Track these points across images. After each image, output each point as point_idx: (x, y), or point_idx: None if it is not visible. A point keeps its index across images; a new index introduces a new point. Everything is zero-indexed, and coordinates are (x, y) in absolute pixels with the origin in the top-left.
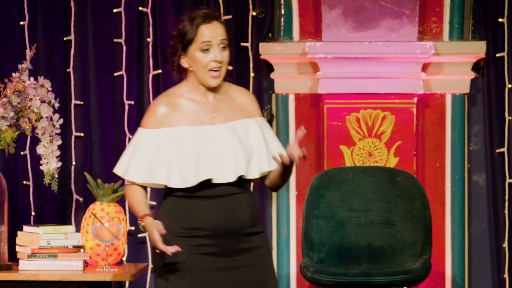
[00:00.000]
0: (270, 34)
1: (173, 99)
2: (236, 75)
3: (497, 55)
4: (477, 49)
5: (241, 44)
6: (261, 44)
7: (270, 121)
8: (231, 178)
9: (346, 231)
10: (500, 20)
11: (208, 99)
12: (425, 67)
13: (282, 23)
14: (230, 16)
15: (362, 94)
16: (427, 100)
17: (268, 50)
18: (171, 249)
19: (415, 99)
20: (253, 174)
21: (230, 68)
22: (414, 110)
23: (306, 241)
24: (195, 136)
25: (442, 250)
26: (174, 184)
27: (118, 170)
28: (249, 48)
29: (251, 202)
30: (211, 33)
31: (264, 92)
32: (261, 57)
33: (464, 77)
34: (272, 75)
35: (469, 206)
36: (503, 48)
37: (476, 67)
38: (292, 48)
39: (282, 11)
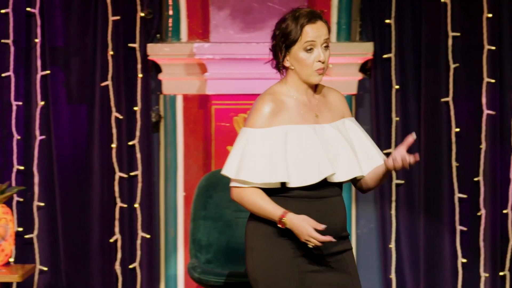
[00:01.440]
0: (158, 35)
1: (278, 97)
2: (124, 76)
3: (384, 56)
4: (365, 50)
5: (129, 45)
6: (149, 45)
7: (157, 122)
8: (345, 177)
9: (233, 231)
10: (387, 21)
11: (309, 98)
12: None
13: (170, 24)
14: (118, 17)
15: (250, 95)
16: None
17: (156, 51)
18: (325, 238)
19: None
20: (363, 173)
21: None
22: None
23: (193, 242)
24: (308, 135)
25: None
26: (295, 182)
27: (228, 171)
28: (137, 49)
29: (344, 205)
30: (315, 33)
31: (152, 93)
32: (149, 58)
33: (351, 78)
34: (160, 76)
35: (356, 207)
36: (390, 49)
37: (363, 68)
38: (180, 49)
39: (170, 12)
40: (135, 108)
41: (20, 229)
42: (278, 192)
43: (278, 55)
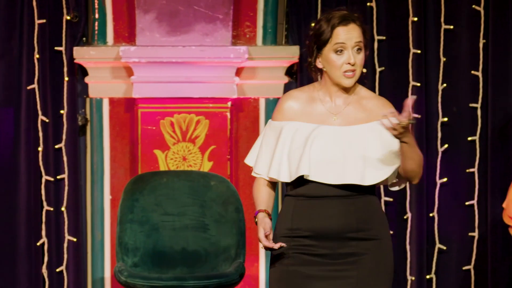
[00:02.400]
0: (84, 38)
1: (303, 95)
2: (50, 79)
3: (309, 59)
4: (290, 53)
5: (55, 48)
6: (75, 48)
7: (84, 126)
8: (331, 180)
9: (160, 235)
10: (312, 25)
11: (336, 101)
12: (239, 72)
13: (96, 28)
14: (44, 20)
15: (176, 99)
16: (241, 104)
17: (82, 54)
18: (275, 245)
19: (229, 104)
20: (365, 181)
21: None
22: (228, 114)
23: (120, 245)
24: (307, 134)
25: (256, 254)
26: (284, 178)
27: (249, 161)
28: (63, 52)
29: (363, 207)
30: (346, 35)
31: (78, 97)
32: (75, 61)
33: (277, 82)
34: (87, 79)
35: None
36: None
37: (289, 71)
38: (106, 53)
39: (96, 15)
40: (62, 112)
41: None
42: (292, 191)
43: (311, 55)
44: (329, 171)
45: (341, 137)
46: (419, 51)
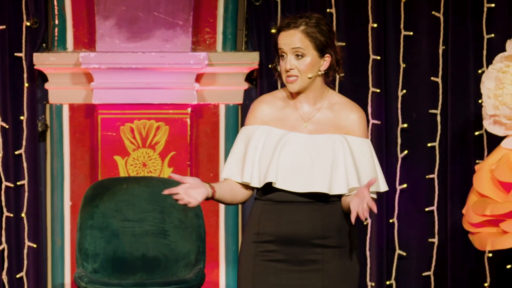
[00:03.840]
0: (44, 44)
1: (275, 99)
2: (10, 85)
3: (270, 65)
4: (250, 59)
5: (15, 54)
6: (35, 54)
7: (44, 132)
8: (298, 189)
9: (120, 241)
10: (273, 30)
11: (304, 107)
12: (199, 78)
13: (56, 34)
14: (4, 26)
15: (136, 105)
16: (201, 110)
17: (42, 61)
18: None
19: (189, 110)
20: (332, 190)
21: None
22: (188, 120)
23: (80, 251)
24: (277, 140)
25: (216, 260)
26: (255, 183)
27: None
28: (23, 58)
29: (330, 214)
30: (284, 40)
31: (38, 103)
32: (35, 67)
33: (237, 88)
34: (47, 85)
35: (242, 217)
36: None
37: (249, 77)
38: (66, 59)
39: (56, 22)
40: (22, 118)
41: None
42: (262, 195)
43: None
44: (297, 179)
45: (310, 145)
46: (378, 57)
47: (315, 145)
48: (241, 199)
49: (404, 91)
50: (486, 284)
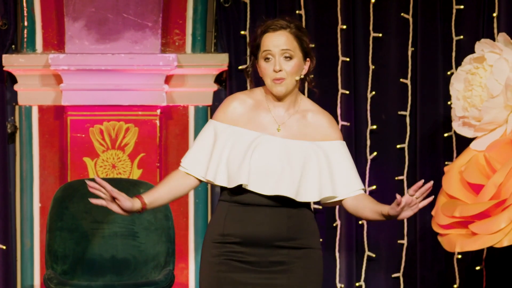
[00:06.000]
0: (13, 46)
1: (249, 99)
2: None
3: (240, 67)
4: (220, 61)
5: None
6: (4, 55)
7: (13, 133)
8: (267, 191)
9: (90, 242)
10: (242, 32)
11: (277, 111)
12: (168, 79)
13: (25, 35)
14: None
15: (105, 106)
16: (170, 112)
17: (11, 62)
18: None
19: (158, 111)
20: (299, 197)
21: None
22: (157, 122)
23: (49, 253)
24: (249, 141)
25: (186, 262)
26: (221, 182)
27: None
28: None
29: (295, 217)
30: (271, 42)
31: (7, 104)
32: (4, 68)
33: (207, 89)
34: (16, 87)
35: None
36: (245, 60)
37: (218, 79)
38: (36, 60)
39: (25, 23)
40: None
41: None
42: (227, 196)
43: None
44: (266, 182)
45: (282, 149)
46: (348, 59)
47: (287, 150)
48: (182, 193)
49: (373, 92)
50: (455, 286)
